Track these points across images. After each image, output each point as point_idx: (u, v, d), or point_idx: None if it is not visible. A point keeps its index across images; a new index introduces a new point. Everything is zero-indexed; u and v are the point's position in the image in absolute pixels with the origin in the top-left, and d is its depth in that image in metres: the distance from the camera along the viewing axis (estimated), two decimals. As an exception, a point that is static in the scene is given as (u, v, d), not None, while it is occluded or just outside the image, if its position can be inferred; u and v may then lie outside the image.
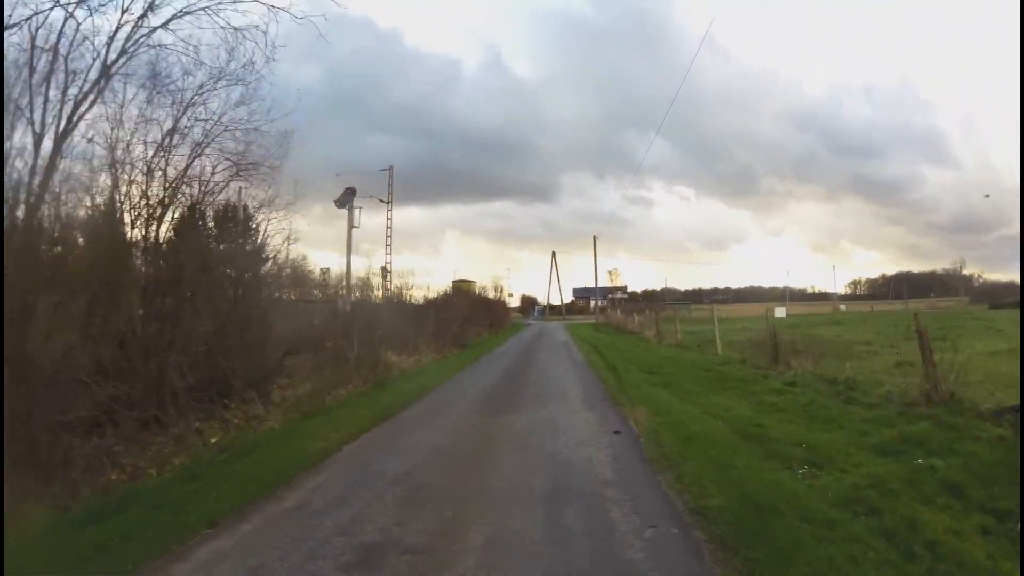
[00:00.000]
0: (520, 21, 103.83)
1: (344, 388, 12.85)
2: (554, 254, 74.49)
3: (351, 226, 32.69)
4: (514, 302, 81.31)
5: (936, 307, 55.69)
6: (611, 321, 43.31)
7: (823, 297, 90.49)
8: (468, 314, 33.43)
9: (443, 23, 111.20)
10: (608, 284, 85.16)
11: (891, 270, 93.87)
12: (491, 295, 56.31)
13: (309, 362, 13.77)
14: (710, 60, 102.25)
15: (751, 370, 11.57)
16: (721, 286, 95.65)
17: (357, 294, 24.91)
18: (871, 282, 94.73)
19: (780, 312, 37.39)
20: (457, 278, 56.23)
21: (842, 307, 69.95)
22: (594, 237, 71.31)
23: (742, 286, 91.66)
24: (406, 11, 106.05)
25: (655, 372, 12.18)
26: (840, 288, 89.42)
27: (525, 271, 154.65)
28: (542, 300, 78.57)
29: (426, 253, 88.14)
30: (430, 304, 30.37)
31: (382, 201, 38.36)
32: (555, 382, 11.83)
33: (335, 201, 32.33)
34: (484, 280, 59.42)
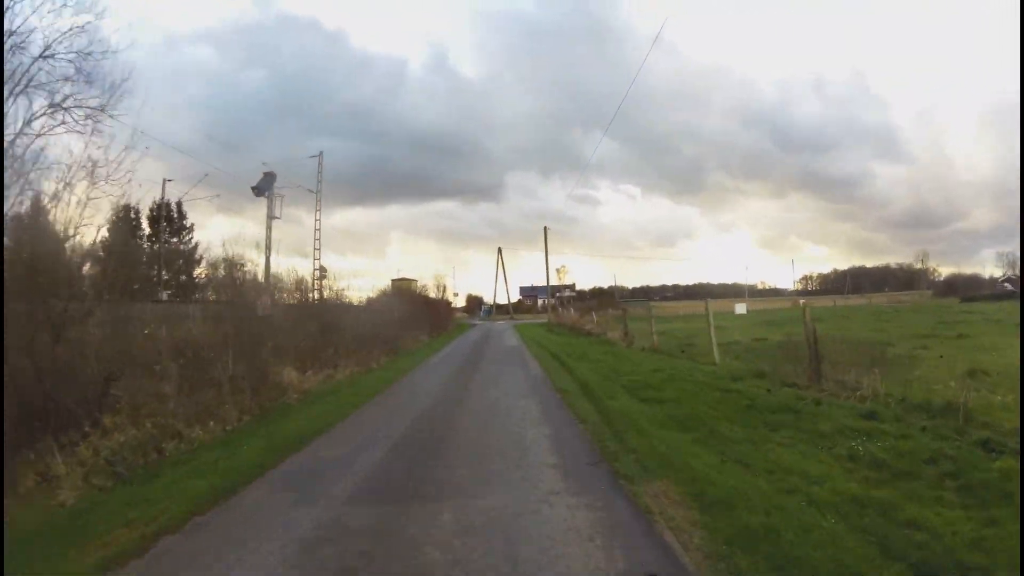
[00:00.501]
0: (466, 21, 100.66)
1: (204, 426, 8.86)
2: (500, 251, 70.94)
3: (270, 216, 28.08)
4: (461, 302, 78.85)
5: (900, 301, 54.42)
6: (564, 321, 39.98)
7: (775, 292, 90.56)
8: (406, 316, 29.39)
9: (389, 24, 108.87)
10: (556, 282, 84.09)
11: (842, 265, 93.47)
12: (434, 294, 52.16)
13: (172, 384, 9.61)
14: (657, 57, 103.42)
15: (785, 391, 8.14)
16: (669, 283, 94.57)
17: (286, 296, 20.95)
18: (823, 277, 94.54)
19: (740, 308, 35.82)
20: (397, 277, 51.77)
21: (801, 302, 68.91)
22: (544, 228, 68.37)
23: (691, 283, 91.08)
24: (352, 12, 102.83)
25: (653, 397, 8.43)
26: (791, 284, 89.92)
27: (472, 271, 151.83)
28: (489, 300, 74.84)
29: (372, 255, 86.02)
30: (367, 305, 26.74)
31: (310, 191, 33.80)
32: (507, 423, 7.75)
33: (253, 188, 27.60)
34: (426, 279, 55.07)
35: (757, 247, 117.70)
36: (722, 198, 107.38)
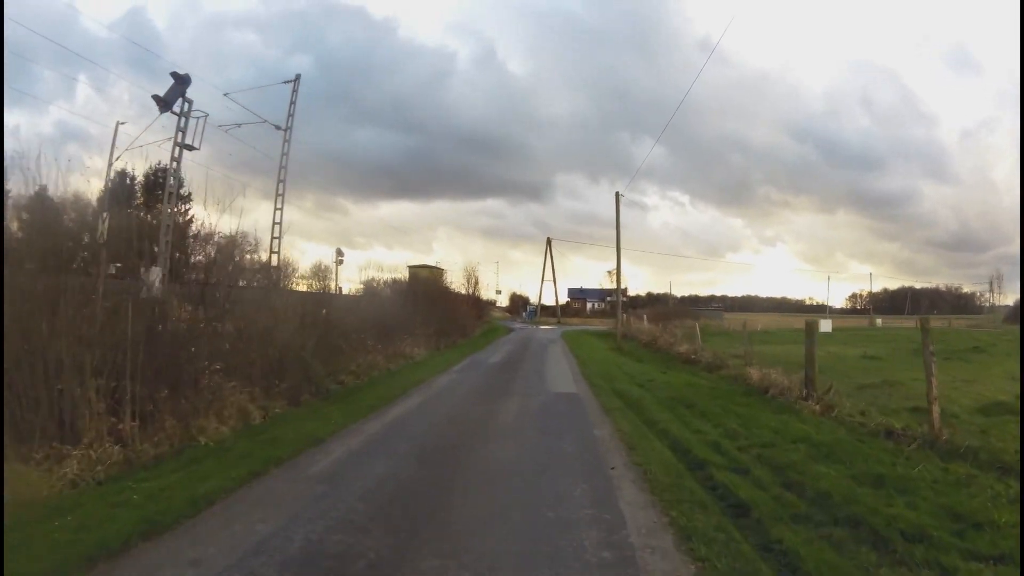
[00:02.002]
0: (515, 17, 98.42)
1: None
2: (549, 241, 60.32)
3: (179, 143, 18.17)
4: (504, 301, 73.78)
5: (978, 326, 46.82)
6: (635, 334, 28.73)
7: (820, 309, 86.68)
8: (399, 314, 19.15)
9: (437, 15, 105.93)
10: (608, 285, 75.87)
11: (886, 284, 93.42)
12: (464, 289, 41.82)
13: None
14: (706, 64, 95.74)
15: None
16: (717, 294, 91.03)
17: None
18: (872, 295, 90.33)
19: (826, 326, 30.85)
20: (417, 263, 41.67)
21: (878, 322, 59.56)
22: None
23: (739, 295, 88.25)
24: (400, 1, 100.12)
25: None
26: (839, 302, 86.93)
27: (519, 270, 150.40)
28: (535, 300, 64.23)
29: (418, 249, 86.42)
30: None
31: (278, 128, 23.76)
32: None
33: (156, 99, 17.75)
34: (457, 270, 45.02)
35: (802, 262, 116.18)
36: (768, 211, 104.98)
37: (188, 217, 25.95)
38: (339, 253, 34.73)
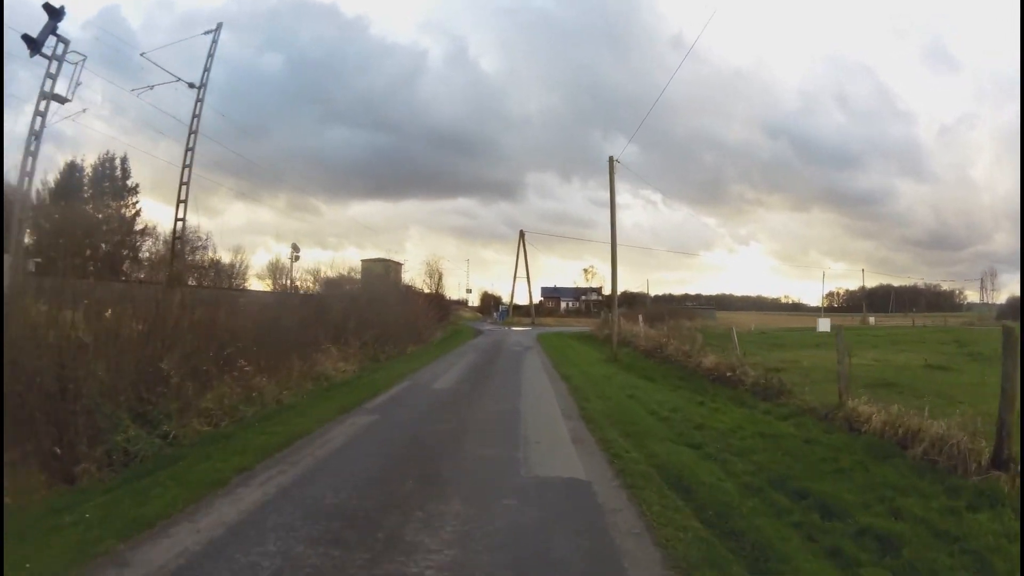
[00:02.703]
0: (487, 14, 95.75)
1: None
2: (522, 235, 55.10)
3: (47, 95, 12.86)
4: (475, 301, 70.74)
5: (970, 324, 44.91)
6: (625, 335, 23.91)
7: (797, 308, 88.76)
8: (333, 319, 14.12)
9: (409, 13, 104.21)
10: (584, 284, 75.67)
11: (861, 283, 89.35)
12: (426, 286, 36.49)
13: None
14: (678, 61, 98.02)
15: None
16: (692, 292, 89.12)
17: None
18: (850, 293, 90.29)
19: (824, 325, 30.55)
20: (371, 257, 36.14)
21: (871, 320, 57.35)
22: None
23: (714, 293, 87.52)
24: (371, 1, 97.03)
25: None
26: (815, 300, 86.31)
27: (489, 270, 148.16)
28: (511, 299, 59.15)
29: (391, 248, 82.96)
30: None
31: (191, 86, 18.60)
32: None
33: (26, 39, 12.49)
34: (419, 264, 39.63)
35: (777, 260, 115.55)
36: (742, 209, 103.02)
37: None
38: (295, 249, 29.46)
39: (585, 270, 75.73)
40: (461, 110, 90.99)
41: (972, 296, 77.12)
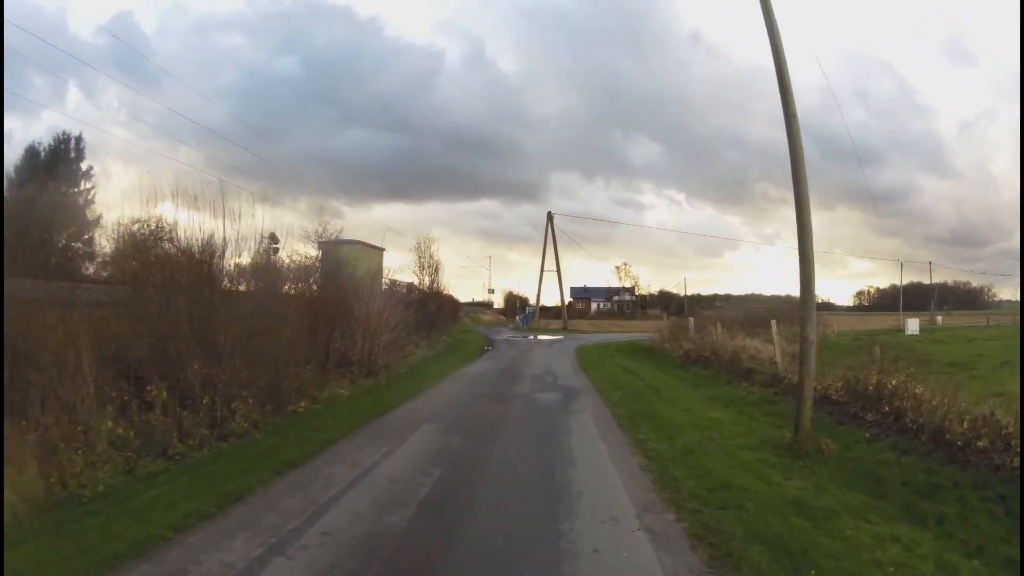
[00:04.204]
0: (504, 14, 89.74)
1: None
2: (550, 217, 44.58)
3: None
4: (499, 302, 63.46)
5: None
6: (702, 348, 13.35)
7: (828, 307, 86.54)
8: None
9: (422, 14, 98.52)
10: (616, 283, 68.98)
11: (886, 281, 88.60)
12: (418, 278, 26.32)
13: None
14: (699, 59, 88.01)
15: None
16: (721, 292, 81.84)
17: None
18: (881, 292, 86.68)
19: (913, 326, 27.67)
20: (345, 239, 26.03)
21: (939, 319, 51.83)
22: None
23: (742, 293, 77.52)
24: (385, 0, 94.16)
25: None
26: (846, 299, 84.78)
27: (514, 272, 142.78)
28: (535, 299, 49.16)
29: (415, 250, 67.60)
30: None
31: None
32: None
33: None
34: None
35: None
36: (766, 208, 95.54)
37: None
38: (273, 240, 21.01)
39: (617, 268, 68.16)
40: (480, 111, 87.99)
41: (1002, 294, 76.58)
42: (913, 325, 30.50)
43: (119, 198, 13.45)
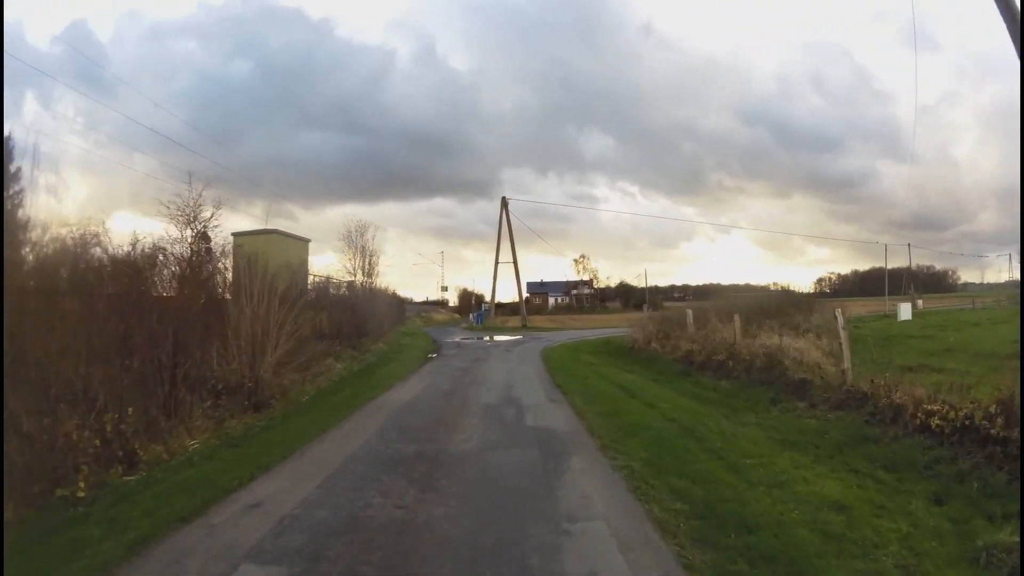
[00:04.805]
0: (454, 12, 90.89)
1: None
2: (505, 203, 40.21)
3: None
4: (453, 300, 61.29)
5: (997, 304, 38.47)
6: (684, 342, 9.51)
7: (788, 294, 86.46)
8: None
9: (374, 14, 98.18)
10: (574, 277, 67.84)
11: (846, 267, 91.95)
12: (351, 273, 21.63)
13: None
14: (651, 49, 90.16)
15: None
16: (679, 283, 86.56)
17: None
18: (842, 278, 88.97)
19: (905, 312, 26.13)
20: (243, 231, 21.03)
21: (919, 303, 49.84)
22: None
23: (701, 283, 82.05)
24: (336, 1, 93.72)
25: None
26: (807, 286, 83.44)
27: (470, 270, 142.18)
28: (492, 294, 45.13)
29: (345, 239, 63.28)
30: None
31: None
32: None
33: None
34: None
35: (759, 248, 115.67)
36: (722, 198, 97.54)
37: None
38: (204, 239, 16.41)
39: (576, 260, 66.75)
40: (433, 109, 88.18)
41: (965, 276, 77.82)
42: (906, 310, 28.64)
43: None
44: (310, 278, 22.03)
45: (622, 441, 6.27)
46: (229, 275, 11.94)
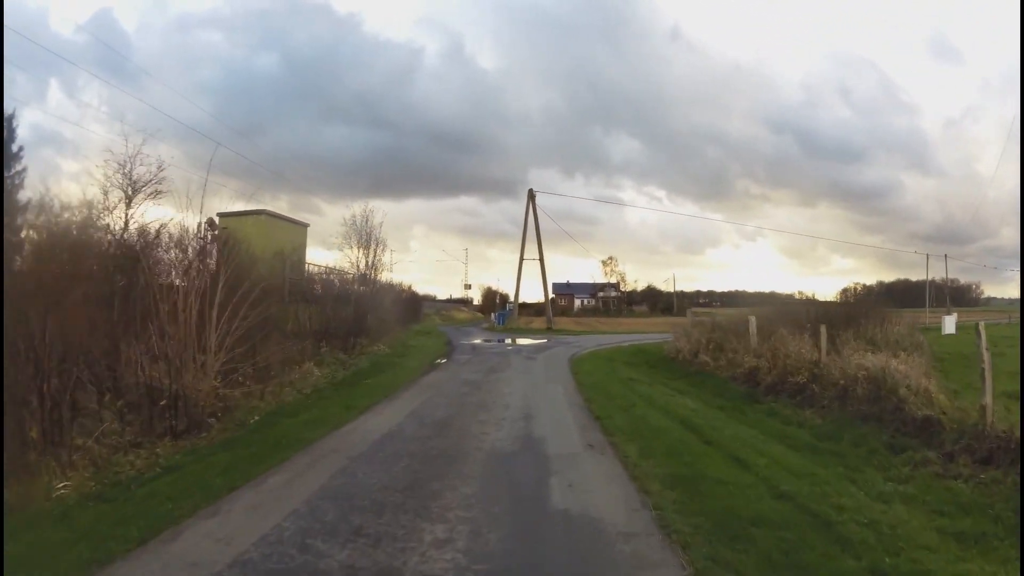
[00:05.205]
0: (483, 10, 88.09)
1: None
2: (532, 196, 37.37)
3: None
4: (477, 298, 60.25)
5: None
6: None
7: (814, 303, 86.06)
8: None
9: (403, 9, 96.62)
10: (602, 279, 64.10)
11: (871, 278, 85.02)
12: (349, 264, 19.14)
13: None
14: (679, 54, 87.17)
15: None
16: (704, 289, 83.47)
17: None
18: (867, 288, 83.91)
19: (950, 325, 22.04)
20: (230, 211, 18.65)
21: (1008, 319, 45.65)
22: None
23: (726, 290, 79.43)
24: None
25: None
26: (831, 296, 78.63)
27: (495, 270, 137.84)
28: (516, 292, 42.65)
29: (395, 247, 74.68)
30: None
31: None
32: None
33: None
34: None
35: (784, 256, 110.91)
36: (748, 205, 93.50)
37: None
38: (211, 226, 14.41)
39: (604, 262, 62.71)
40: (459, 107, 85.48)
41: (989, 291, 76.54)
42: (951, 323, 25.32)
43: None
44: (309, 267, 19.69)
45: (733, 561, 3.43)
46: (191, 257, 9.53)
